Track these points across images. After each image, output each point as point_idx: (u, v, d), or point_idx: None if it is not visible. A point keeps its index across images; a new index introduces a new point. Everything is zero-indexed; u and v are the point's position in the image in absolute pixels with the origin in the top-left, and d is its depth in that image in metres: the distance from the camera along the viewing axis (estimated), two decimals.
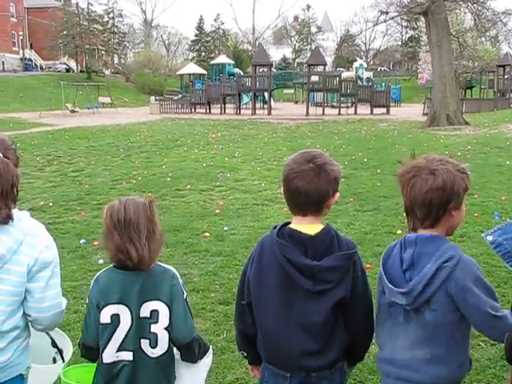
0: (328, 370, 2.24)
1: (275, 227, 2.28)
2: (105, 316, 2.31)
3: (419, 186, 2.07)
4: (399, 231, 7.03)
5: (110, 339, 2.32)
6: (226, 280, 5.59)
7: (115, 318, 2.30)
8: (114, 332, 2.31)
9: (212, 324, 4.59)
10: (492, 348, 4.00)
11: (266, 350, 2.30)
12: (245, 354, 2.51)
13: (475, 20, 26.19)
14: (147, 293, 2.30)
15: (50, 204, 9.30)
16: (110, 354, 2.33)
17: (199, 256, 6.42)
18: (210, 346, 2.67)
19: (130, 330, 2.30)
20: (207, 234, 7.24)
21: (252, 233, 7.27)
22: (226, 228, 7.56)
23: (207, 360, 2.58)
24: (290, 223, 2.26)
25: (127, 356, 2.32)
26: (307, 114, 32.78)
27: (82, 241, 7.01)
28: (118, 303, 2.30)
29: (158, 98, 45.45)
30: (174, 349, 2.42)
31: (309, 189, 2.14)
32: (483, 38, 37.80)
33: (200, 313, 4.81)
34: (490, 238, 2.25)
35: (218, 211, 8.58)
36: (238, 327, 2.48)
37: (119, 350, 2.32)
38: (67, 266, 6.12)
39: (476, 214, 7.62)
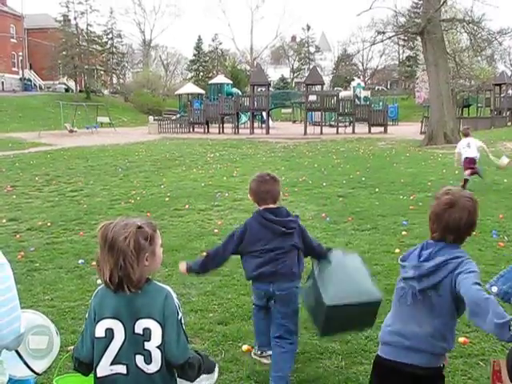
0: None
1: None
2: (99, 330, 2.34)
3: (455, 219, 2.60)
4: (397, 250, 7.03)
5: (104, 353, 2.33)
6: (224, 300, 5.58)
7: (109, 333, 2.32)
8: (108, 346, 2.33)
9: (210, 344, 4.56)
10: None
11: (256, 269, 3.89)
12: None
13: (471, 39, 26.48)
14: (139, 310, 2.32)
15: (49, 224, 9.29)
16: (103, 368, 2.34)
17: (197, 276, 6.39)
18: (216, 365, 2.67)
19: (123, 344, 2.32)
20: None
21: None
22: None
23: (208, 381, 2.57)
24: None
25: (121, 369, 2.33)
26: (305, 133, 32.94)
27: (80, 261, 6.99)
28: (112, 318, 2.33)
29: (156, 117, 45.78)
30: None
31: (271, 188, 3.91)
32: (479, 57, 38.17)
33: (198, 333, 4.79)
34: (494, 289, 2.30)
35: (216, 231, 8.57)
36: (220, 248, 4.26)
37: (113, 363, 2.33)
38: (65, 286, 6.12)
39: (474, 233, 7.60)
